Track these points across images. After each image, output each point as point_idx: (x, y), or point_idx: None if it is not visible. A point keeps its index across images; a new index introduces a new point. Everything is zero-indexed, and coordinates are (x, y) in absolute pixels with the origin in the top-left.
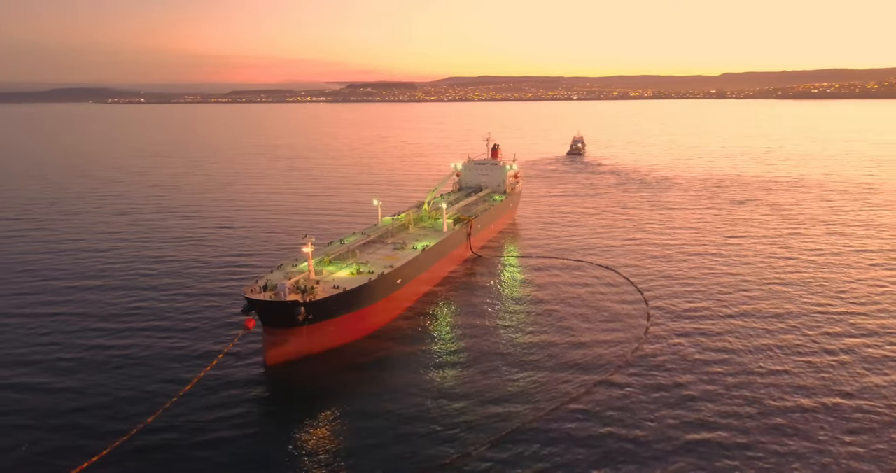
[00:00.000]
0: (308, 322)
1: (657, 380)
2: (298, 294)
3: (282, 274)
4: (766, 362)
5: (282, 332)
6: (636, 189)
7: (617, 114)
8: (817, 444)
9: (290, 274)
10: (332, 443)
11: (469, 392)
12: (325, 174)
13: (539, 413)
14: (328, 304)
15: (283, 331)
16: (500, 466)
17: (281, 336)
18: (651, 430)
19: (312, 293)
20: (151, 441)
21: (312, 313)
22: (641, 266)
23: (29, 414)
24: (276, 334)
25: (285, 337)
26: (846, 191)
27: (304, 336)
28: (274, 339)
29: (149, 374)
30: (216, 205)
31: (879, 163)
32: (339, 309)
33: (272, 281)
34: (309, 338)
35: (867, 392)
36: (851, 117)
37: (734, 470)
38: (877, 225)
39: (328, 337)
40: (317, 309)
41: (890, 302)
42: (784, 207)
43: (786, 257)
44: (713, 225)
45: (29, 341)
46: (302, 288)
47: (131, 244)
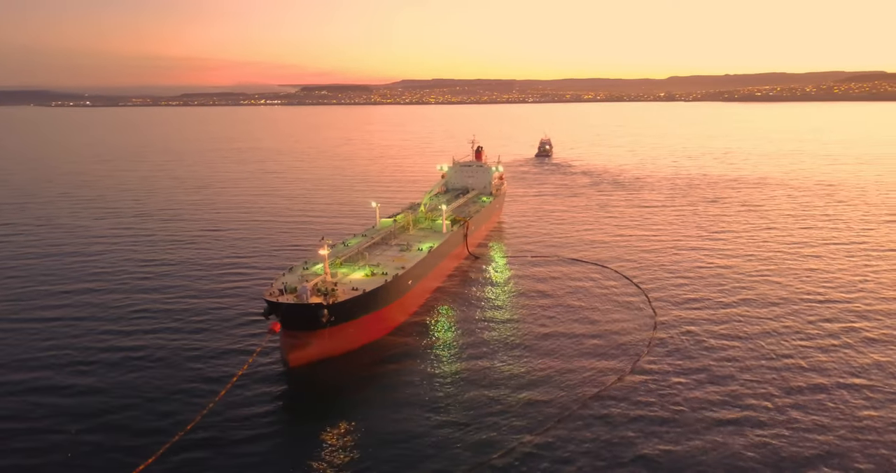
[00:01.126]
0: (330, 324)
1: (681, 364)
2: (320, 296)
3: (296, 277)
4: (774, 343)
5: (304, 335)
6: (611, 189)
7: (574, 117)
8: (832, 415)
9: (306, 276)
10: (373, 441)
11: (497, 383)
12: (300, 176)
13: (578, 401)
14: (349, 306)
15: (305, 334)
16: (549, 454)
17: (303, 338)
18: (688, 409)
19: (334, 295)
20: (196, 443)
21: (335, 315)
22: (633, 261)
23: (59, 419)
24: (299, 336)
25: (307, 339)
26: (808, 188)
27: (326, 338)
28: (296, 342)
29: (178, 377)
30: (196, 208)
31: (833, 162)
32: (359, 310)
33: (288, 283)
34: (330, 340)
35: (868, 367)
36: (797, 119)
37: (765, 440)
38: (845, 219)
39: (348, 338)
40: (339, 311)
41: (871, 288)
42: (756, 204)
43: (769, 249)
44: (693, 221)
45: (35, 347)
46: (323, 290)
47: (120, 247)
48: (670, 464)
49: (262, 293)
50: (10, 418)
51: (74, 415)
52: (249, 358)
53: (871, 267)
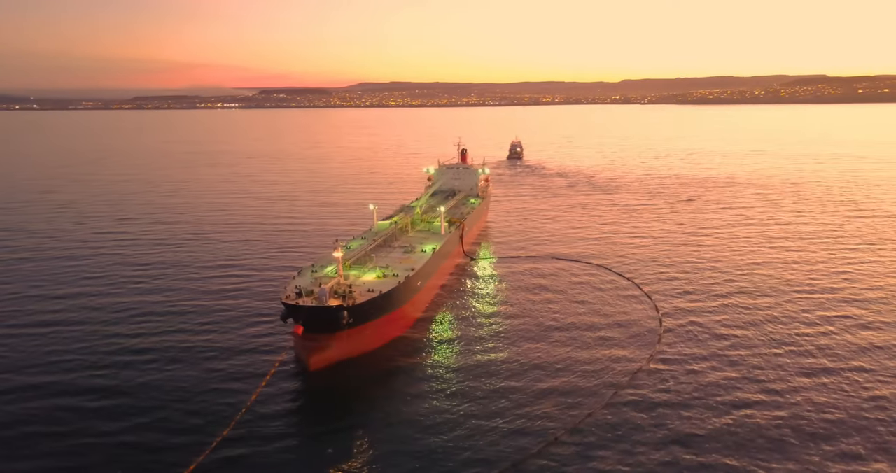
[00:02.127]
0: (349, 326)
1: (695, 352)
2: (338, 298)
3: (307, 280)
4: (774, 328)
5: (323, 337)
6: (589, 189)
7: (536, 119)
8: (839, 397)
9: (320, 279)
10: (400, 438)
11: (519, 376)
12: (278, 179)
13: (599, 400)
14: (367, 307)
15: (324, 336)
16: (579, 451)
17: (322, 341)
18: (710, 392)
19: (352, 297)
20: (233, 447)
21: (353, 317)
22: (625, 258)
23: (89, 421)
24: (318, 339)
25: (327, 342)
26: (775, 187)
27: (345, 340)
28: (315, 345)
29: (199, 383)
30: (179, 212)
31: (793, 162)
32: (376, 311)
33: (303, 286)
34: (349, 342)
35: (863, 351)
36: (751, 121)
37: (784, 427)
38: (815, 215)
39: (366, 340)
40: (357, 313)
41: (851, 276)
42: (729, 203)
43: (751, 244)
44: (673, 219)
45: (39, 351)
46: (340, 292)
47: (107, 252)
48: (704, 444)
49: (280, 297)
50: (37, 421)
51: (103, 418)
52: (274, 362)
53: (848, 258)
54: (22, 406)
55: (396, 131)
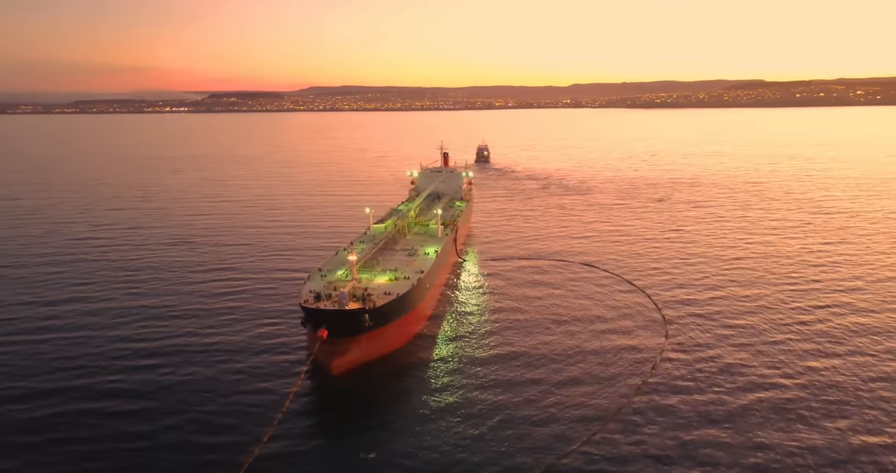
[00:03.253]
0: (369, 328)
1: (702, 342)
2: (357, 301)
3: (320, 283)
4: (772, 316)
5: (344, 341)
6: (562, 191)
7: (493, 123)
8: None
9: (334, 283)
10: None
11: (537, 374)
12: (249, 183)
13: (630, 388)
14: (387, 310)
15: (344, 340)
16: (623, 438)
17: (343, 345)
18: (728, 378)
19: (371, 300)
20: (273, 452)
21: (374, 320)
22: (613, 257)
23: (117, 438)
24: (339, 343)
25: (347, 345)
26: (738, 186)
27: (365, 343)
28: (337, 349)
29: (221, 386)
30: (156, 217)
31: (749, 163)
32: (394, 314)
33: (317, 290)
34: (368, 345)
35: (853, 333)
36: (700, 124)
37: (799, 412)
38: (783, 212)
39: (384, 342)
40: (378, 316)
41: (831, 267)
42: (700, 202)
43: (731, 239)
44: (651, 218)
45: (40, 358)
46: (359, 295)
47: (94, 257)
48: (736, 420)
49: (299, 301)
50: (64, 426)
51: (134, 422)
52: (302, 366)
53: (823, 251)
54: (46, 411)
55: (357, 135)
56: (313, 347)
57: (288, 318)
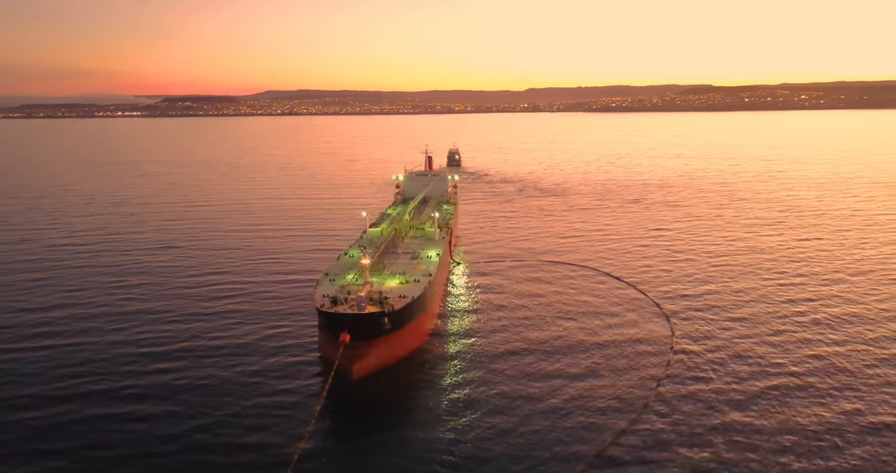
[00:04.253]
0: (387, 332)
1: (707, 334)
2: (375, 305)
3: (332, 288)
4: (769, 306)
5: (362, 345)
6: (539, 194)
7: (456, 127)
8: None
9: (347, 287)
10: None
11: (554, 376)
12: (225, 188)
13: (647, 388)
14: (404, 313)
15: (363, 344)
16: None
17: (362, 349)
18: (735, 371)
19: (389, 303)
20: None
21: (392, 323)
22: (603, 256)
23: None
24: (358, 347)
25: (365, 349)
26: (708, 188)
27: (383, 346)
28: (356, 353)
29: (237, 391)
30: (133, 223)
31: (711, 164)
32: (410, 317)
33: (331, 294)
34: (386, 349)
35: (847, 325)
36: (658, 127)
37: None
38: (751, 210)
39: (401, 345)
40: (396, 319)
41: (812, 259)
42: (675, 202)
43: (714, 237)
44: (631, 219)
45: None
46: (376, 299)
47: (82, 260)
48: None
49: (318, 307)
50: (85, 433)
51: (161, 426)
52: (329, 373)
53: (801, 246)
54: (67, 417)
55: (322, 139)
56: (334, 351)
57: (290, 320)
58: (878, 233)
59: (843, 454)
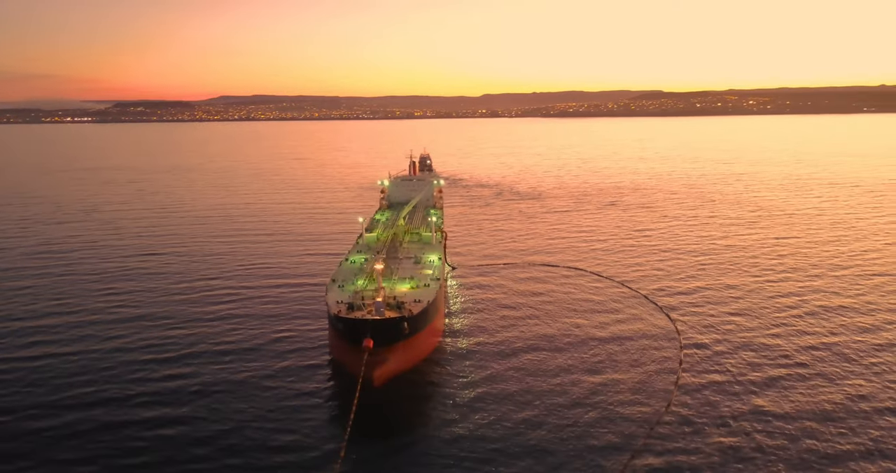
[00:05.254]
0: (406, 336)
1: (712, 329)
2: (393, 310)
3: (343, 294)
4: (765, 297)
5: (382, 351)
6: (518, 198)
7: (419, 132)
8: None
9: (361, 292)
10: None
11: (568, 375)
12: (199, 194)
13: (669, 382)
14: (422, 317)
15: (383, 350)
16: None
17: (381, 354)
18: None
19: (406, 308)
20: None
21: (411, 327)
22: (593, 258)
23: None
24: (378, 353)
25: (384, 355)
26: (679, 190)
27: (401, 351)
28: (376, 359)
29: (256, 403)
30: (109, 231)
31: (675, 168)
32: (425, 321)
33: (345, 300)
34: (404, 354)
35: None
36: (616, 131)
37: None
38: (723, 211)
39: (417, 350)
40: (414, 323)
41: (792, 254)
42: (649, 204)
43: (695, 237)
44: (611, 221)
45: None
46: (393, 304)
47: (64, 269)
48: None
49: (335, 312)
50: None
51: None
52: (359, 380)
53: (781, 244)
54: (87, 425)
55: (286, 144)
56: (353, 358)
57: (293, 323)
58: (848, 231)
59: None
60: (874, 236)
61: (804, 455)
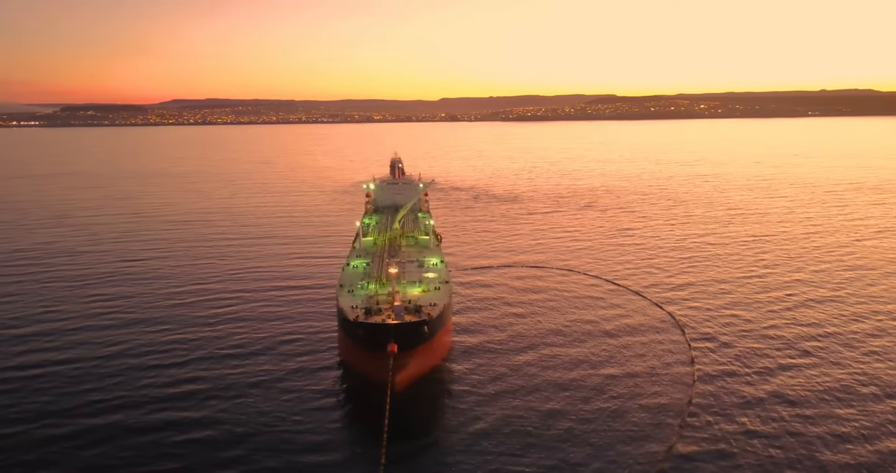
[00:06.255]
0: (425, 340)
1: (712, 322)
2: (412, 314)
3: (356, 299)
4: (764, 296)
5: (403, 355)
6: (497, 201)
7: (383, 137)
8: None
9: (376, 297)
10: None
11: (582, 372)
12: (171, 200)
13: (685, 383)
14: (440, 320)
15: (404, 354)
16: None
17: (402, 358)
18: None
19: (425, 311)
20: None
21: (430, 331)
22: (585, 259)
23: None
24: (399, 357)
25: (405, 359)
26: (649, 192)
27: (420, 355)
28: (399, 363)
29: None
30: (84, 239)
31: (643, 170)
32: (441, 324)
33: (359, 305)
34: (423, 357)
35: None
36: (579, 135)
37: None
38: (696, 212)
39: (435, 353)
40: (434, 326)
41: (773, 250)
42: (624, 206)
43: (677, 236)
44: (591, 223)
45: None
46: (411, 308)
47: (44, 279)
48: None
49: (352, 318)
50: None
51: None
52: (389, 387)
53: (760, 240)
54: (103, 432)
55: (250, 148)
56: (374, 364)
57: (295, 325)
58: (818, 228)
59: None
60: (843, 232)
61: (832, 437)
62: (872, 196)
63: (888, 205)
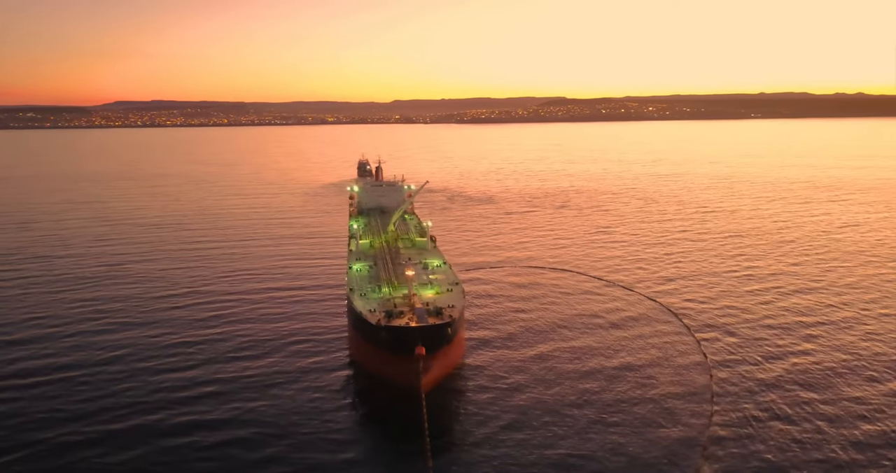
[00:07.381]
0: (447, 342)
1: (713, 314)
2: (433, 316)
3: (373, 302)
4: (756, 283)
5: (429, 357)
6: (472, 203)
7: (340, 139)
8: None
9: (393, 299)
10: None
11: (597, 378)
12: (139, 203)
13: (706, 377)
14: (459, 322)
15: (429, 356)
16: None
17: (427, 361)
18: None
19: (446, 313)
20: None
21: (452, 332)
22: (574, 257)
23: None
24: (426, 359)
25: (429, 361)
26: (619, 192)
27: (442, 357)
28: (424, 365)
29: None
30: (53, 244)
31: (609, 171)
32: (460, 325)
33: (377, 308)
34: (444, 359)
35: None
36: (537, 137)
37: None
38: (667, 211)
39: (455, 354)
40: (455, 328)
41: (752, 243)
42: (598, 206)
43: (658, 234)
44: (571, 222)
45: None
46: (432, 310)
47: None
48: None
49: (373, 322)
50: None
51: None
52: (422, 393)
53: (739, 235)
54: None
55: (208, 150)
56: (404, 366)
57: (298, 325)
58: (788, 223)
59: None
60: (810, 226)
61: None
62: (828, 193)
63: (845, 202)
